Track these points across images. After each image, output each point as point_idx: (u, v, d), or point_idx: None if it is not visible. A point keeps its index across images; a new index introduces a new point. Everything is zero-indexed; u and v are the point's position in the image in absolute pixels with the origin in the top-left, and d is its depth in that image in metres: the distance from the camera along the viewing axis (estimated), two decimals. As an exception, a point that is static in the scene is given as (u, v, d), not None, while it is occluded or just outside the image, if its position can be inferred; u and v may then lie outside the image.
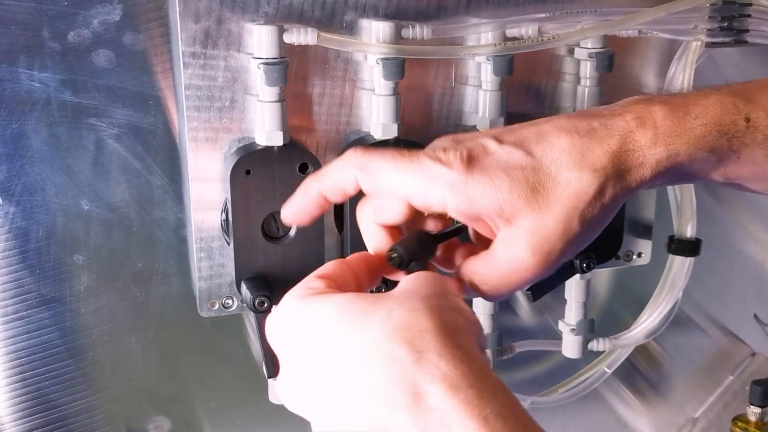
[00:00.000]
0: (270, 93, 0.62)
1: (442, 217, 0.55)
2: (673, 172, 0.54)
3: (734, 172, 0.56)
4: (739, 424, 0.85)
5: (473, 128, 0.70)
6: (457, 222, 0.54)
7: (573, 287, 0.80)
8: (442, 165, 0.50)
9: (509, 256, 0.51)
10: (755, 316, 0.92)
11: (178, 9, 0.61)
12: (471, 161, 0.50)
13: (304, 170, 0.64)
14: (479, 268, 0.52)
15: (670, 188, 0.80)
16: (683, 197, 0.80)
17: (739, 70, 0.83)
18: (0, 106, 0.63)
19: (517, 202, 0.50)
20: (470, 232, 0.56)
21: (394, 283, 0.50)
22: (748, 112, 0.54)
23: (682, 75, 0.73)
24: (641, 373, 0.95)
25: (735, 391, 0.93)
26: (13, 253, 0.67)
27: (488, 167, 0.50)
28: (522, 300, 0.86)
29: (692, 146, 0.53)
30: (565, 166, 0.51)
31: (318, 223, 0.65)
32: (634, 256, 0.80)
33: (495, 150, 0.51)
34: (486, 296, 0.53)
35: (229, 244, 0.67)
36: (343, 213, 0.67)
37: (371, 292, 0.51)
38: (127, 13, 0.63)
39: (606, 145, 0.52)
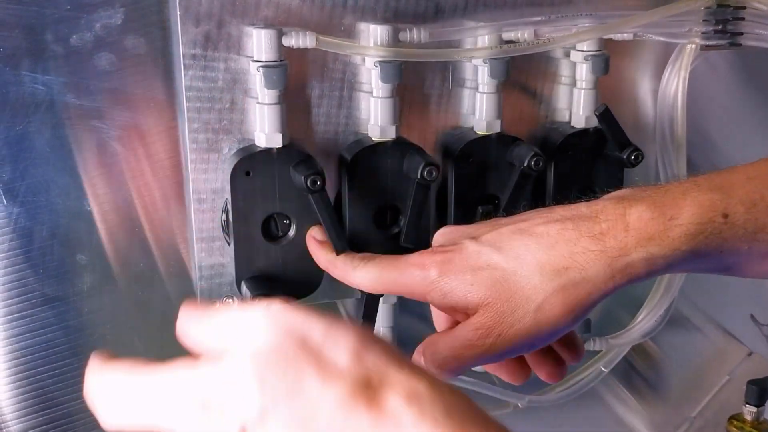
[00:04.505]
0: (269, 95, 0.63)
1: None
2: (651, 272, 0.55)
3: (720, 264, 0.57)
4: (735, 423, 0.85)
5: (470, 130, 0.71)
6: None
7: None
8: (421, 269, 0.58)
9: (463, 336, 0.56)
10: (752, 317, 0.92)
11: (178, 12, 0.62)
12: (444, 263, 0.57)
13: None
14: (437, 341, 0.58)
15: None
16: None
17: (735, 73, 0.84)
18: (4, 108, 0.64)
19: (479, 295, 0.56)
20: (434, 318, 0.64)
21: None
22: (726, 208, 0.55)
23: (677, 78, 0.74)
24: (638, 373, 0.95)
25: (731, 390, 0.94)
26: (17, 253, 0.68)
27: (458, 267, 0.57)
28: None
29: (667, 248, 0.54)
30: (527, 265, 0.55)
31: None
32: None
33: (470, 251, 0.57)
34: (435, 368, 0.57)
35: (229, 244, 0.68)
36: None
37: None
38: (128, 17, 0.64)
39: (573, 247, 0.55)
